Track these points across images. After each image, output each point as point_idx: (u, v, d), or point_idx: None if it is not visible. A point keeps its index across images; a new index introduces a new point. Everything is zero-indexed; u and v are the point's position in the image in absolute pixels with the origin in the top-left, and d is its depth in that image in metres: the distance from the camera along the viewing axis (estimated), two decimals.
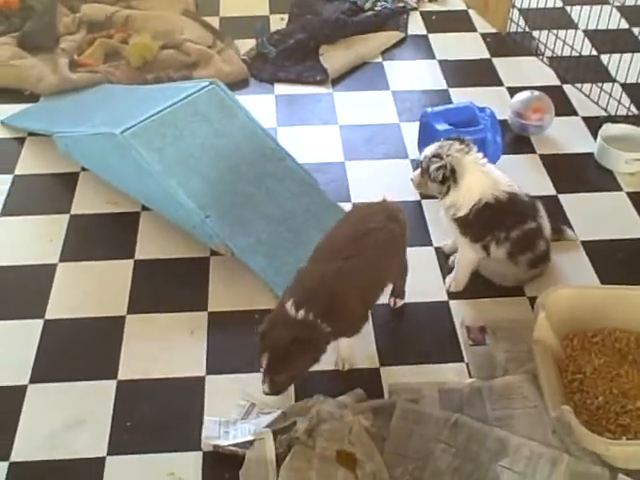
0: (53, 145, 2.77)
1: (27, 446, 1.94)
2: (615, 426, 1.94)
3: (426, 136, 2.76)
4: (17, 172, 2.79)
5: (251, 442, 1.91)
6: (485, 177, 2.23)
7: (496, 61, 3.44)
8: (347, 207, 2.62)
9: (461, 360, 2.16)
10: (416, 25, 3.69)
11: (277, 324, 1.88)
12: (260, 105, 3.14)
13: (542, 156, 2.90)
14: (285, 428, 1.95)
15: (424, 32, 3.64)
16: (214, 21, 3.64)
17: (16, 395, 2.05)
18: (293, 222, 2.45)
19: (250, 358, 2.13)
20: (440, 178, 2.21)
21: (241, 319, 2.26)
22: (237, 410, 2.02)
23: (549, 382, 1.96)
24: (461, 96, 3.14)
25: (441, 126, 2.66)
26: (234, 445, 1.91)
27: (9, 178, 2.76)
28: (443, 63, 3.43)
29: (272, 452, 1.89)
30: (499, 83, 3.30)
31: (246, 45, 3.47)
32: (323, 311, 1.88)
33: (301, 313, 1.86)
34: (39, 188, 2.73)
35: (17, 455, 1.92)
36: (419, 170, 2.32)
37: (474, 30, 3.66)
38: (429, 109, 2.77)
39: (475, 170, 2.22)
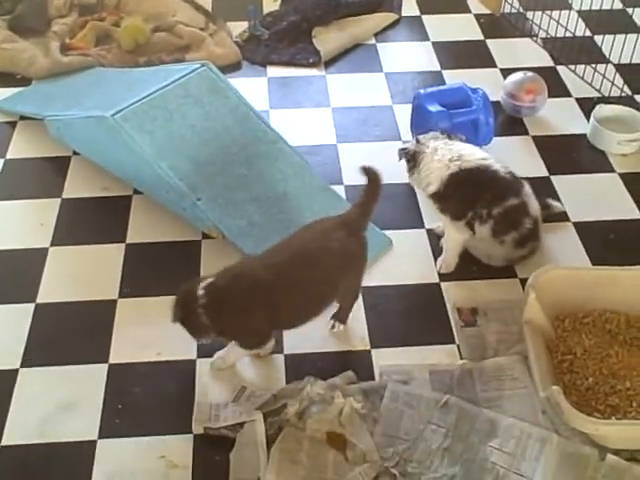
0: (45, 129, 2.76)
1: (18, 430, 1.94)
2: (604, 406, 1.94)
3: (419, 118, 2.76)
4: (8, 156, 2.78)
5: (241, 424, 1.92)
6: (448, 152, 2.27)
7: (490, 42, 3.42)
8: (339, 189, 2.62)
9: (452, 342, 2.17)
10: (410, 6, 3.67)
11: (188, 289, 1.92)
12: (252, 88, 3.12)
13: (535, 137, 2.89)
14: (275, 410, 1.96)
15: (417, 13, 3.62)
16: (206, 3, 3.61)
17: (7, 379, 2.05)
18: (285, 204, 2.44)
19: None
20: (399, 160, 2.36)
21: None
22: (228, 393, 2.02)
23: (539, 363, 1.96)
24: (454, 78, 3.12)
25: (434, 107, 2.65)
26: (225, 427, 1.92)
27: (0, 162, 2.75)
28: (437, 45, 3.41)
29: (262, 434, 1.90)
30: (493, 64, 3.28)
31: (238, 28, 3.45)
32: (213, 304, 1.88)
33: (201, 292, 1.88)
34: (30, 172, 2.73)
35: (8, 439, 1.92)
36: None
37: (468, 11, 3.64)
38: (422, 91, 2.76)
39: (437, 149, 2.29)
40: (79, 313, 2.24)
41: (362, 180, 2.44)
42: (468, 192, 2.25)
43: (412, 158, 2.32)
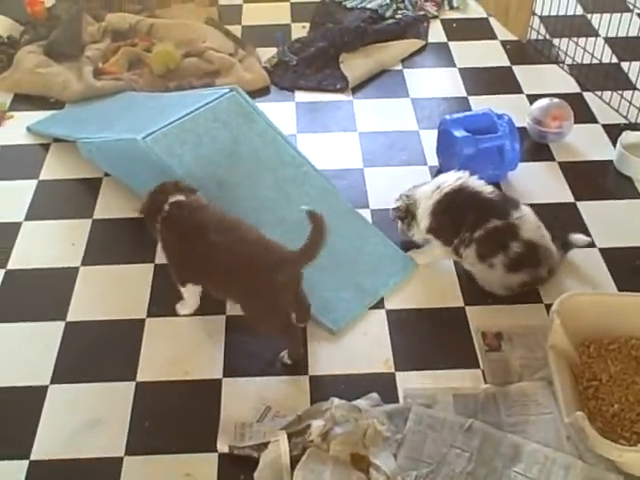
0: (77, 151, 2.82)
1: (46, 445, 1.98)
2: (630, 433, 1.94)
3: (445, 143, 2.79)
4: (42, 177, 2.84)
5: (266, 444, 1.93)
6: (429, 186, 2.39)
7: (516, 69, 3.45)
8: (366, 213, 2.65)
9: (476, 366, 2.17)
10: (436, 33, 3.71)
11: (160, 198, 2.17)
12: (280, 112, 3.18)
13: (561, 164, 2.90)
14: (300, 431, 1.97)
15: (444, 40, 3.66)
16: (236, 30, 3.69)
17: (37, 395, 2.09)
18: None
19: (266, 362, 2.17)
20: (394, 218, 2.45)
21: None
22: (253, 413, 2.04)
23: (564, 388, 1.95)
24: (481, 104, 3.14)
25: (459, 133, 2.67)
26: (249, 447, 1.94)
27: (34, 183, 2.82)
28: (463, 71, 3.44)
29: (287, 454, 1.91)
30: (519, 91, 3.30)
31: (267, 53, 3.52)
32: (167, 222, 2.15)
33: (166, 207, 2.14)
34: (63, 193, 2.79)
35: (36, 454, 1.96)
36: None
37: (494, 38, 3.67)
38: (448, 116, 2.78)
39: (424, 190, 2.39)
40: (108, 332, 2.28)
41: (388, 204, 2.50)
42: (452, 218, 2.32)
43: (407, 213, 2.41)
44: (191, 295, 2.27)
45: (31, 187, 2.79)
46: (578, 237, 2.46)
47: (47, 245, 2.57)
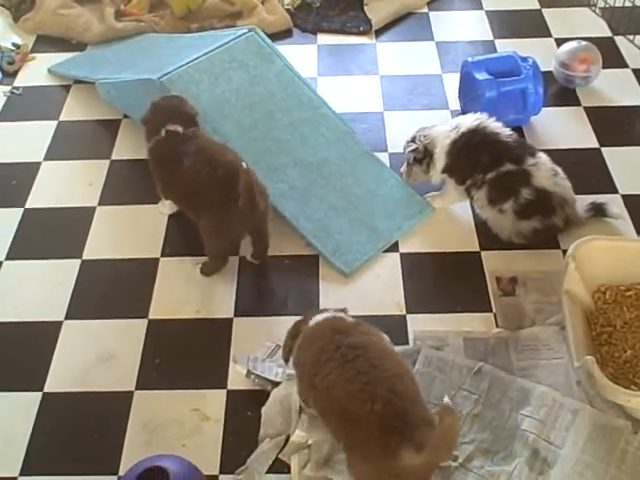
0: (97, 92, 2.82)
1: (60, 378, 2.02)
2: None
3: (467, 86, 2.73)
4: (62, 118, 2.85)
5: (277, 383, 1.94)
6: (447, 126, 2.34)
7: (546, 12, 3.34)
8: (384, 156, 2.62)
9: (489, 310, 2.15)
10: None
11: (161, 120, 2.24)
12: (302, 55, 3.13)
13: (587, 109, 2.83)
14: None
15: None
16: None
17: (52, 330, 2.13)
18: (327, 169, 2.45)
19: (277, 302, 2.18)
20: (412, 160, 2.38)
21: (270, 264, 2.29)
22: (262, 350, 2.05)
23: (576, 333, 1.92)
24: (507, 47, 3.05)
25: (481, 75, 2.61)
26: (266, 378, 1.95)
27: (54, 124, 2.83)
28: (490, 14, 3.35)
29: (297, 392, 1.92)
30: (547, 34, 3.21)
31: None
32: (159, 146, 2.24)
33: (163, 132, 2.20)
34: (82, 134, 2.79)
35: (50, 386, 2.00)
36: (405, 162, 2.44)
37: None
38: (470, 58, 2.71)
39: (441, 129, 2.35)
40: (122, 270, 2.30)
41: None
42: (467, 158, 2.28)
43: (425, 153, 2.37)
44: (172, 205, 2.39)
45: (51, 127, 2.81)
46: (614, 210, 2.35)
47: (65, 185, 2.59)
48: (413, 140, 2.42)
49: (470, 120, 2.33)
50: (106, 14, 3.21)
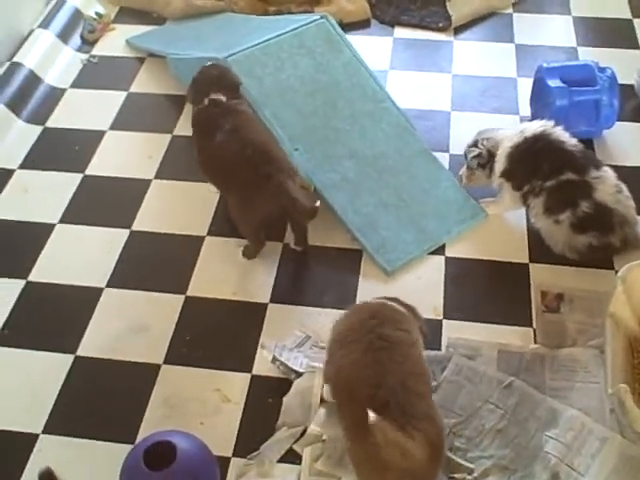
0: (168, 67, 2.86)
1: (93, 344, 2.07)
2: None
3: (539, 92, 2.64)
4: (132, 90, 2.91)
5: (300, 374, 1.94)
6: (510, 130, 2.27)
7: (637, 22, 3.20)
8: (444, 157, 2.56)
9: (529, 325, 2.08)
10: None
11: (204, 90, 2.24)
12: (377, 47, 3.10)
13: None
14: None
15: None
16: None
17: (92, 296, 2.18)
18: (382, 163, 2.42)
19: (314, 293, 2.16)
20: (476, 165, 2.31)
21: (313, 254, 2.28)
22: (292, 339, 2.05)
23: (615, 358, 1.84)
24: (589, 56, 2.94)
25: (554, 82, 2.52)
26: (290, 367, 1.94)
27: (124, 94, 2.88)
28: (578, 20, 3.23)
29: (319, 387, 1.90)
30: (635, 46, 3.07)
31: None
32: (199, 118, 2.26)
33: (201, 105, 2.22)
34: (149, 106, 2.84)
35: (83, 350, 2.05)
36: (464, 166, 2.38)
37: None
38: (545, 64, 2.62)
39: (506, 134, 2.27)
40: (168, 244, 2.33)
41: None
42: (526, 163, 2.20)
43: (489, 157, 2.30)
44: None
45: (120, 97, 2.87)
46: None
47: (125, 155, 2.64)
48: (475, 144, 2.35)
49: (535, 126, 2.25)
50: None
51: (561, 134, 2.23)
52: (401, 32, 3.20)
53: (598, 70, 2.57)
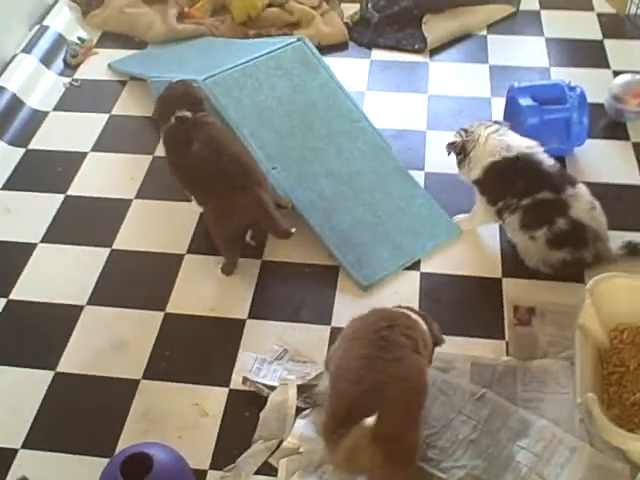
0: (149, 90, 2.91)
1: (73, 360, 2.10)
2: None
3: (511, 111, 2.71)
4: (114, 112, 2.96)
5: (272, 388, 1.97)
6: (497, 142, 2.26)
7: (607, 43, 3.28)
8: (419, 175, 2.62)
9: (501, 338, 2.13)
10: (529, 0, 3.57)
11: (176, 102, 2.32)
12: (354, 68, 3.17)
13: (635, 144, 2.76)
14: (312, 386, 1.99)
15: (537, 8, 3.53)
16: None
17: (73, 313, 2.22)
18: (358, 182, 2.47)
19: (292, 309, 2.20)
20: (449, 154, 2.35)
21: (291, 270, 2.32)
22: (270, 353, 2.08)
23: (584, 369, 1.88)
24: (562, 76, 3.01)
25: (525, 101, 2.59)
26: (262, 384, 1.98)
27: (106, 117, 2.94)
28: (550, 41, 3.31)
29: (294, 400, 1.95)
30: (606, 66, 3.15)
31: (351, 9, 3.48)
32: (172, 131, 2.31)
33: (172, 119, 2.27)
34: (130, 128, 2.89)
35: (63, 366, 2.08)
36: None
37: (591, 9, 3.50)
38: (516, 83, 2.69)
39: (488, 138, 2.28)
40: (148, 262, 2.37)
41: (445, 168, 2.48)
42: (503, 181, 2.24)
43: (462, 150, 2.32)
44: None
45: (102, 120, 2.92)
46: None
47: (107, 176, 2.69)
48: (460, 131, 2.38)
49: (522, 146, 2.27)
50: (169, 15, 3.31)
51: (541, 155, 2.26)
52: (378, 54, 3.27)
53: (568, 89, 2.64)
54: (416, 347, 1.73)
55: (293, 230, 2.13)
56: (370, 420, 1.48)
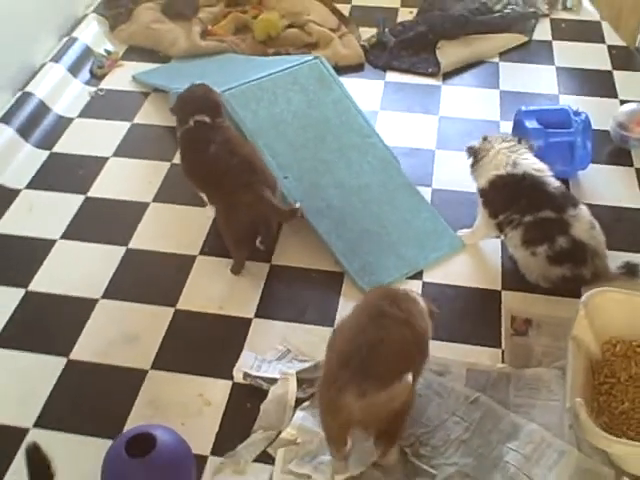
0: (170, 101, 3.03)
1: (86, 349, 2.19)
2: (635, 433, 1.92)
3: (517, 133, 2.78)
4: (135, 121, 3.08)
5: (276, 380, 2.06)
6: (506, 157, 2.35)
7: (617, 74, 3.38)
8: (426, 191, 2.71)
9: (497, 346, 2.20)
10: (543, 31, 3.69)
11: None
12: (369, 89, 3.29)
13: (639, 170, 2.84)
14: (312, 379, 2.07)
15: (549, 38, 3.64)
16: (345, 8, 3.82)
17: (87, 306, 2.32)
18: (366, 194, 2.57)
19: (297, 310, 2.29)
20: (468, 157, 2.47)
21: (298, 275, 2.42)
22: (273, 352, 2.17)
23: (574, 377, 1.94)
24: (570, 103, 3.09)
25: (531, 124, 2.68)
26: (261, 378, 2.06)
27: (128, 125, 3.06)
28: (560, 70, 3.42)
29: (293, 392, 2.03)
30: (613, 95, 3.25)
31: (369, 33, 3.61)
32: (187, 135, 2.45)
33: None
34: (151, 137, 3.01)
35: (76, 354, 2.18)
36: None
37: (602, 42, 3.61)
38: (523, 107, 2.79)
39: (500, 151, 2.37)
40: (161, 262, 2.47)
41: (451, 186, 2.66)
42: (506, 195, 2.33)
43: (474, 155, 2.43)
44: None
45: (124, 128, 3.04)
46: None
47: (126, 180, 2.80)
48: (482, 139, 2.49)
49: (530, 166, 2.35)
50: (193, 32, 3.45)
51: (548, 179, 2.34)
52: (392, 76, 3.39)
53: (573, 114, 2.74)
54: (412, 320, 1.83)
55: (298, 205, 2.26)
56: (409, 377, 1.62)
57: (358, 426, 1.76)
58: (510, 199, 2.34)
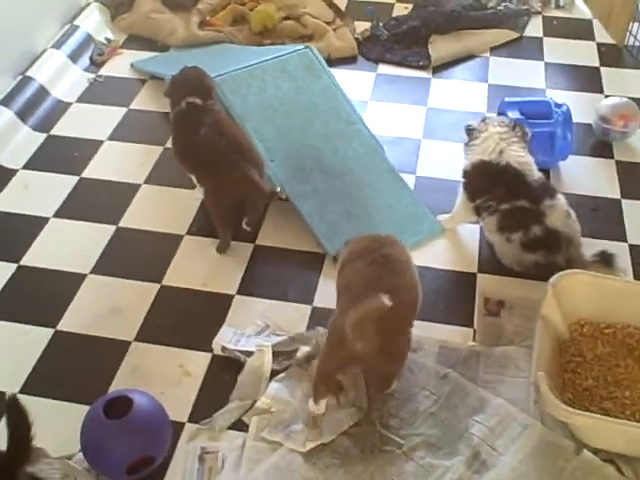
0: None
1: (73, 320, 2.28)
2: (597, 409, 1.98)
3: None
4: (132, 106, 3.17)
5: (252, 352, 2.14)
6: (494, 144, 2.40)
7: (604, 70, 3.45)
8: (410, 178, 2.78)
9: (470, 326, 2.27)
10: (534, 28, 3.76)
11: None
12: (360, 80, 3.37)
13: (619, 162, 2.91)
14: (288, 352, 2.15)
15: (540, 35, 3.70)
16: (342, 2, 3.89)
17: (76, 280, 2.40)
18: (350, 178, 2.64)
19: (278, 288, 2.37)
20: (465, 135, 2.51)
21: (281, 255, 2.50)
22: (252, 327, 2.25)
23: (540, 355, 2.00)
24: (555, 97, 3.17)
25: (513, 114, 2.74)
26: (239, 351, 2.14)
27: (124, 110, 3.15)
28: (549, 65, 3.48)
29: (269, 364, 2.11)
30: (599, 91, 3.31)
31: (364, 26, 3.68)
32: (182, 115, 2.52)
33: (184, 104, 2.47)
34: (145, 122, 3.10)
35: (62, 325, 2.26)
36: None
37: (592, 39, 3.67)
38: (507, 99, 2.86)
39: (491, 136, 2.42)
40: (149, 240, 2.55)
41: (435, 174, 2.74)
42: (485, 181, 2.40)
43: (470, 134, 2.50)
44: None
45: (120, 113, 3.13)
46: (619, 264, 2.41)
47: (119, 162, 2.88)
48: (481, 119, 2.55)
49: (514, 157, 2.39)
50: (191, 22, 3.54)
51: (529, 172, 2.39)
52: (384, 69, 3.46)
53: (555, 105, 2.80)
54: (408, 256, 2.00)
55: (278, 189, 2.40)
56: (386, 298, 1.70)
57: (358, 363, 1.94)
58: (489, 185, 2.40)
